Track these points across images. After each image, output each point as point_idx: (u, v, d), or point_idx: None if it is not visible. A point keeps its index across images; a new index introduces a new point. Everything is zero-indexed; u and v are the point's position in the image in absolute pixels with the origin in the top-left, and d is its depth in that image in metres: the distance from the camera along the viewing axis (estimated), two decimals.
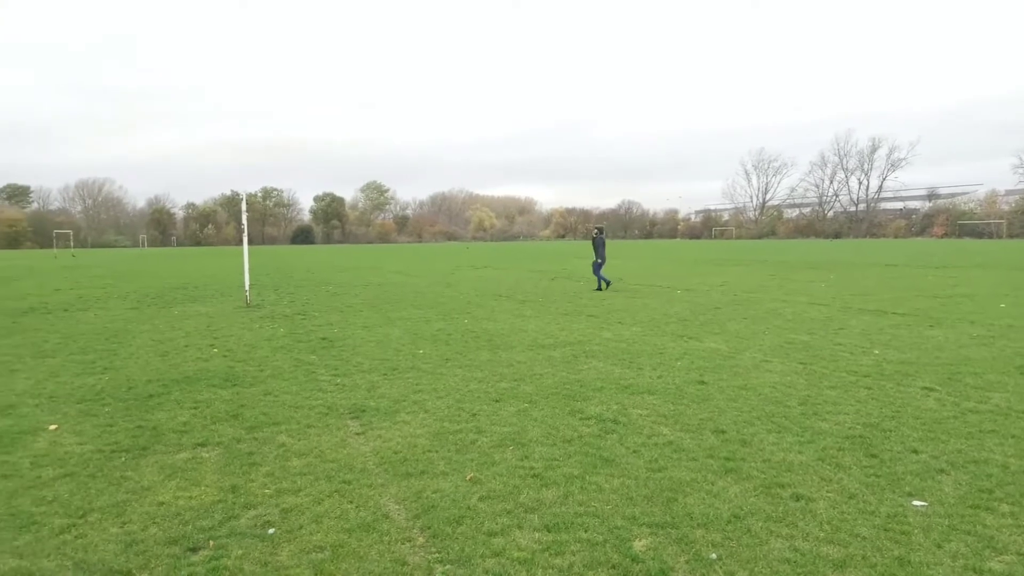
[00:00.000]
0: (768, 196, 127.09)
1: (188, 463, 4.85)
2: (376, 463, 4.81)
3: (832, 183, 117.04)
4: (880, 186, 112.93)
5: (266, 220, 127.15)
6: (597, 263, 18.85)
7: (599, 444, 5.14)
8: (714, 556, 3.38)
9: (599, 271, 18.81)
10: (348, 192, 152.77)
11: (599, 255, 18.86)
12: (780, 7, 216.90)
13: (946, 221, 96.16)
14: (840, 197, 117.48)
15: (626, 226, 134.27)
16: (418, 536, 3.66)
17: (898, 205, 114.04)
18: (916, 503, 3.98)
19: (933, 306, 13.64)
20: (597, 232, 19.72)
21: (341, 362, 8.57)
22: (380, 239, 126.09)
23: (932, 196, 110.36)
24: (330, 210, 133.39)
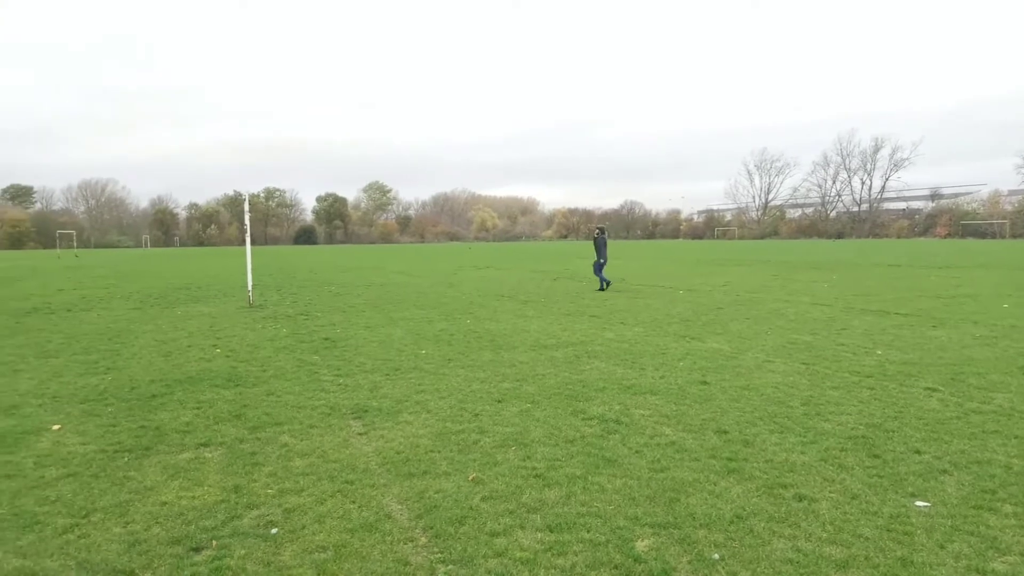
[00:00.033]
0: (771, 196, 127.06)
1: (191, 463, 4.86)
2: (378, 463, 4.81)
3: (835, 183, 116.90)
4: (883, 186, 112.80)
5: (269, 220, 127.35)
6: (600, 263, 18.86)
7: (601, 444, 5.14)
8: (716, 556, 3.38)
9: (600, 271, 18.82)
10: (347, 192, 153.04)
11: (601, 255, 18.87)
12: (780, 7, 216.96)
13: (949, 221, 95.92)
14: (843, 197, 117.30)
15: (628, 226, 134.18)
16: (420, 536, 3.67)
17: (901, 205, 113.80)
18: (919, 504, 3.98)
19: (936, 306, 13.61)
20: (599, 232, 19.75)
21: (344, 362, 8.58)
22: (383, 239, 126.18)
23: (935, 196, 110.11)
24: (332, 210, 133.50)
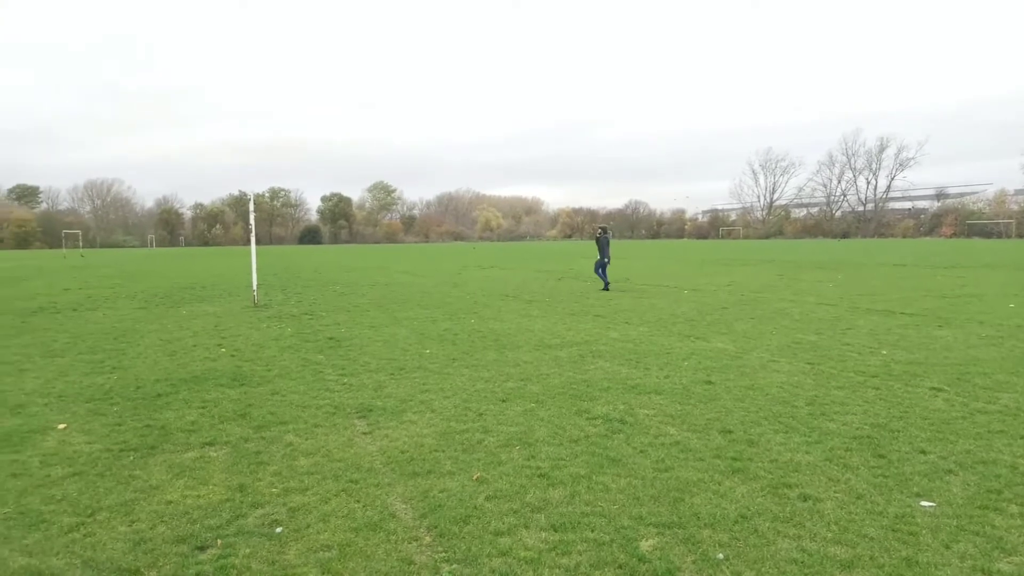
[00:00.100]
0: (776, 196, 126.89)
1: (196, 462, 4.88)
2: (383, 462, 4.82)
3: (840, 183, 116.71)
4: (888, 186, 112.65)
5: (274, 220, 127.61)
6: (603, 262, 18.84)
7: (606, 444, 5.14)
8: (721, 556, 3.38)
9: (603, 270, 18.81)
10: (349, 192, 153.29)
11: (603, 254, 18.87)
12: (781, 7, 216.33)
13: (955, 221, 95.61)
14: (848, 197, 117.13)
15: (633, 226, 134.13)
16: (425, 535, 3.67)
17: (906, 205, 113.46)
18: (924, 504, 3.97)
19: (942, 306, 13.56)
20: (601, 232, 19.76)
21: (348, 362, 8.59)
22: (387, 239, 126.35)
23: (941, 196, 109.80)
24: (337, 210, 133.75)
